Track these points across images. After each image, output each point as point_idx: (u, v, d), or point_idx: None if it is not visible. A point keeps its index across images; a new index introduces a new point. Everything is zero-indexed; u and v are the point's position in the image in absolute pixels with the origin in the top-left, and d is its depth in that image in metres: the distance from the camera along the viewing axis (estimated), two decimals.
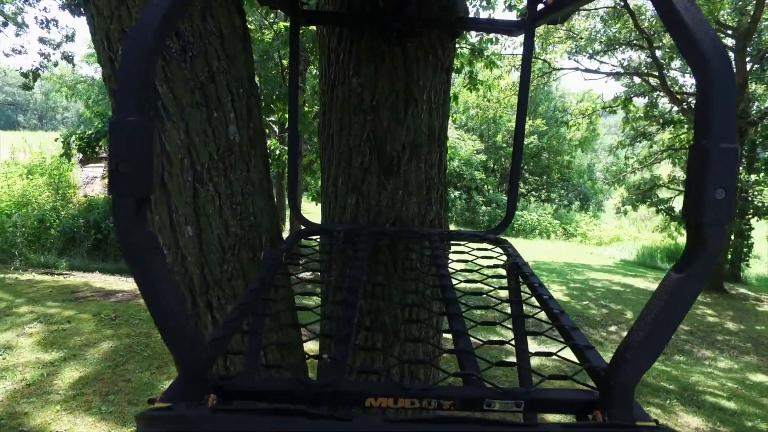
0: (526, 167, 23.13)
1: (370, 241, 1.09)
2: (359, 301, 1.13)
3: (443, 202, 1.40)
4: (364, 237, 1.09)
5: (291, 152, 1.01)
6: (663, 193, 14.50)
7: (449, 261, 1.06)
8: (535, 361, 5.24)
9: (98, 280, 6.83)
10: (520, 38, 1.18)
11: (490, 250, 1.08)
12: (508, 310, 0.88)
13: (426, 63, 1.28)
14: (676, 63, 15.00)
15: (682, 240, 15.56)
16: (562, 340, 0.70)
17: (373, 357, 1.34)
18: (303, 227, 1.23)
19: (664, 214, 13.75)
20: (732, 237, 12.61)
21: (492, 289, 0.89)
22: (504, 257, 1.03)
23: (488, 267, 0.96)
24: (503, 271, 0.97)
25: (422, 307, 1.23)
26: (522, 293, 0.91)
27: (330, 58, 1.34)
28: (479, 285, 0.91)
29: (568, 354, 0.67)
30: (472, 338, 0.70)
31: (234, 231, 1.19)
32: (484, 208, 20.84)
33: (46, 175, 12.02)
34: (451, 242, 1.21)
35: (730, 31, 11.18)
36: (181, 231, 1.15)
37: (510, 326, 0.82)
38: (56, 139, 9.15)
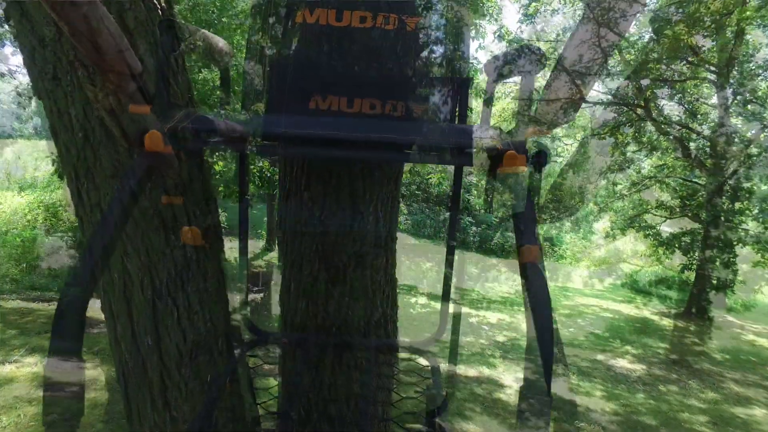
0: None
1: (314, 352, 1.21)
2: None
3: (391, 302, 1.51)
4: (308, 348, 1.21)
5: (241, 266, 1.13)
6: (650, 219, 14.65)
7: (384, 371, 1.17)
8: None
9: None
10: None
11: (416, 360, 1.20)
12: None
13: (372, 179, 1.41)
14: (664, 91, 15.32)
15: (669, 263, 15.66)
16: None
17: None
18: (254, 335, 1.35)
19: (652, 239, 13.86)
20: (717, 264, 12.76)
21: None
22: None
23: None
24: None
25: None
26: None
27: (285, 170, 1.47)
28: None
29: None
30: None
31: (191, 338, 1.30)
32: (474, 228, 20.95)
33: (37, 192, 12.07)
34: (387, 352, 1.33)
35: (714, 68, 11.49)
36: (141, 341, 1.26)
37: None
38: (47, 156, 9.24)
